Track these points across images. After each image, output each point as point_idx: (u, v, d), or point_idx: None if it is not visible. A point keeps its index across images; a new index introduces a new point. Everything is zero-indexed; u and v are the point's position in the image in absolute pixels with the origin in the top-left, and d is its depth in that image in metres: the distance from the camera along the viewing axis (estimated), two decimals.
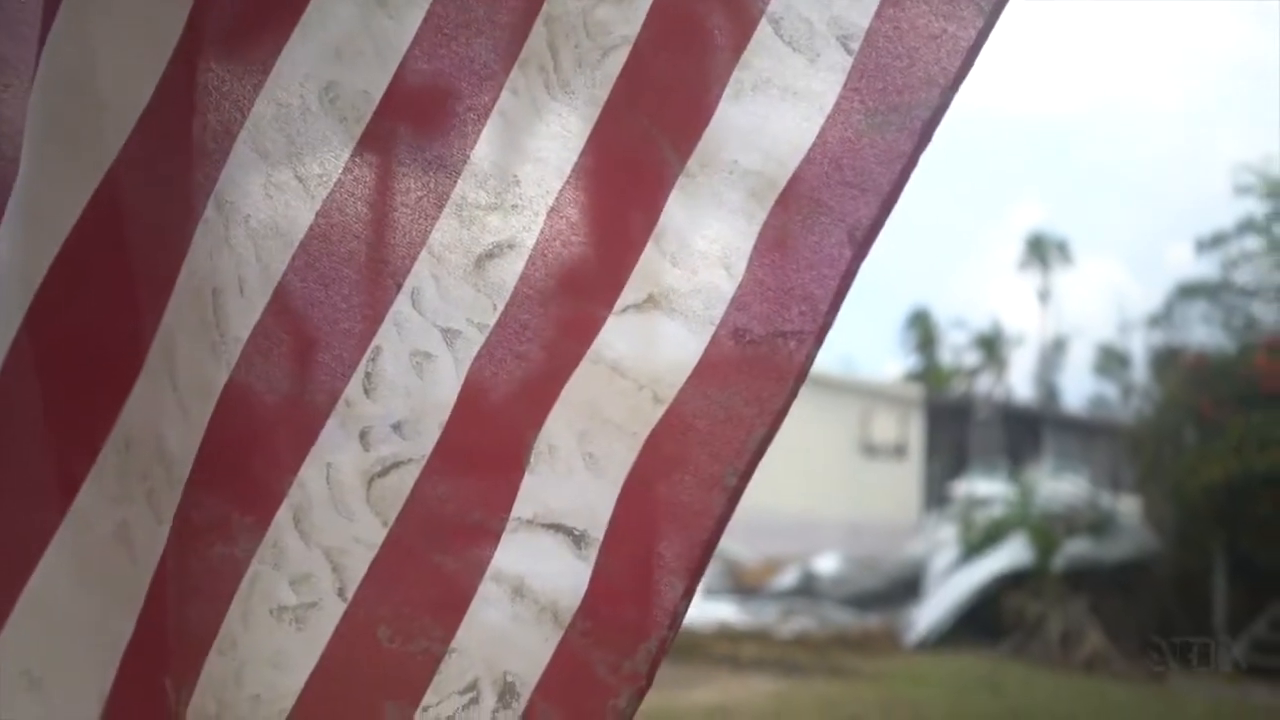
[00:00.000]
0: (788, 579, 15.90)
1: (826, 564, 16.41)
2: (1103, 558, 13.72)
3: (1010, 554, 14.10)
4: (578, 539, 0.89)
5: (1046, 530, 14.33)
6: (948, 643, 13.39)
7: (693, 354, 0.89)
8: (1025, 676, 11.63)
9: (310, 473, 0.89)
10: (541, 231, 0.91)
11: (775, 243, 0.90)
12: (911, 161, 0.89)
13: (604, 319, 0.90)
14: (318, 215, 0.90)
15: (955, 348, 47.94)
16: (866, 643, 12.77)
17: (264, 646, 0.88)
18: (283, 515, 0.89)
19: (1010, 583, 13.73)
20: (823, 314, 0.89)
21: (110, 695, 0.87)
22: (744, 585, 16.02)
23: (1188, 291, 15.38)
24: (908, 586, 15.13)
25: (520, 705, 0.88)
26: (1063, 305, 50.16)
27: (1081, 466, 19.32)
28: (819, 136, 0.89)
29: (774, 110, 0.90)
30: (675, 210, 0.90)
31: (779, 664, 11.43)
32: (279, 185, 0.90)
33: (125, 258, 0.89)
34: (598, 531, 0.89)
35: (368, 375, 0.90)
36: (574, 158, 0.91)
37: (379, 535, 0.89)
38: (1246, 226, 14.99)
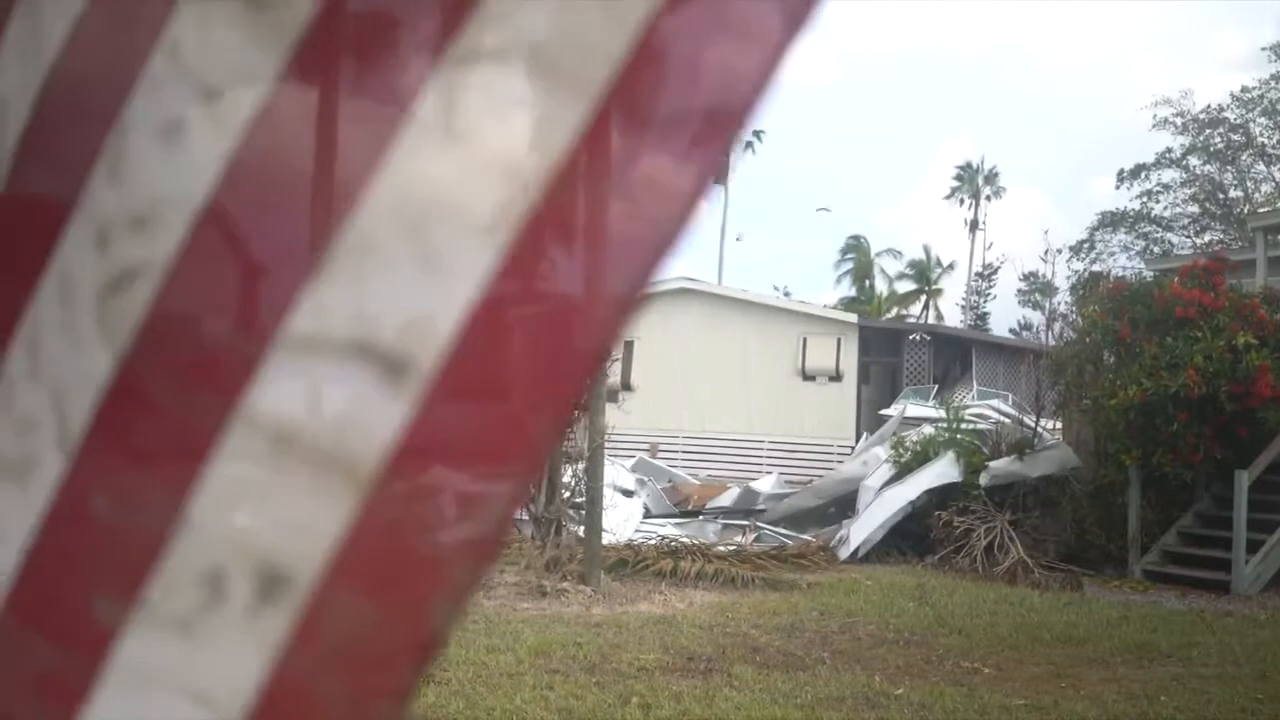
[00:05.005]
0: (728, 498, 16.07)
1: (765, 484, 16.68)
2: (1025, 475, 14.03)
3: (939, 472, 14.46)
4: (395, 365, 0.64)
5: (973, 449, 14.73)
6: (879, 557, 13.75)
7: (566, 127, 0.62)
8: (951, 586, 12.00)
9: (47, 289, 0.72)
10: None
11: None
12: None
13: (437, 64, 0.65)
14: None
15: (889, 276, 48.56)
16: (803, 557, 12.93)
17: None
18: (19, 342, 0.73)
19: (938, 499, 14.14)
20: (743, 97, 0.64)
21: None
22: (686, 504, 16.25)
23: (1109, 221, 15.86)
24: (842, 504, 15.40)
25: (296, 597, 0.64)
26: (991, 234, 50.85)
27: (1007, 388, 19.92)
28: None
29: None
30: None
31: (719, 578, 11.67)
32: None
33: None
34: (430, 354, 0.64)
35: (115, 155, 0.71)
36: None
37: (104, 368, 0.70)
38: (1164, 159, 15.50)
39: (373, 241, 0.64)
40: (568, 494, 12.54)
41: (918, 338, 21.65)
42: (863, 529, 14.16)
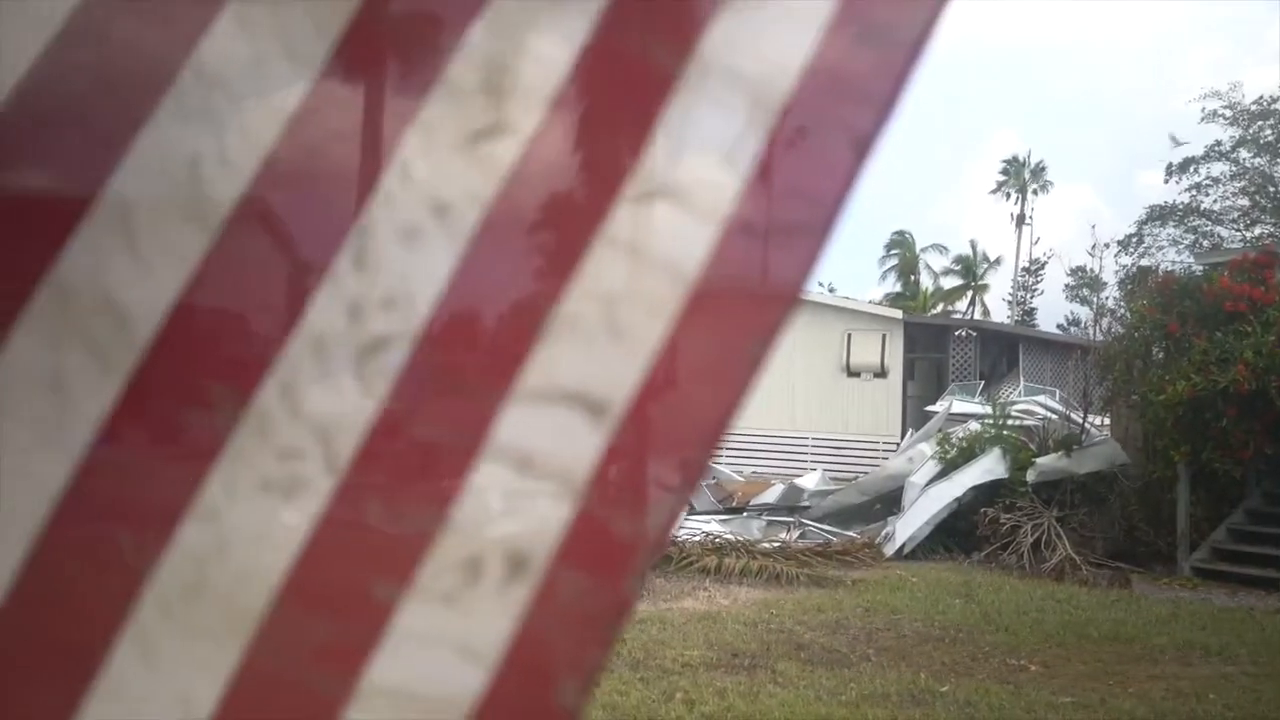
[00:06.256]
0: (772, 495, 16.12)
1: (810, 480, 16.71)
2: (1073, 471, 14.00)
3: (985, 468, 14.42)
4: (594, 408, 0.88)
5: (1020, 445, 14.68)
6: (925, 554, 13.77)
7: (706, 242, 0.89)
8: (997, 583, 12.00)
9: (298, 345, 0.89)
10: (542, 119, 0.91)
11: (780, 146, 0.91)
12: (905, 73, 0.91)
13: (612, 205, 0.90)
14: (314, 85, 0.92)
15: (935, 271, 48.34)
16: (847, 554, 12.96)
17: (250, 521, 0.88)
18: (270, 386, 0.88)
19: (985, 496, 14.10)
20: (829, 210, 0.91)
21: (42, 540, 0.85)
22: (730, 501, 16.24)
23: (1157, 215, 15.70)
24: (887, 501, 15.40)
25: (535, 574, 0.86)
26: (1038, 229, 50.47)
27: (1054, 383, 19.75)
28: (818, 49, 0.90)
29: (770, 22, 0.92)
30: (676, 111, 0.90)
31: (764, 575, 11.75)
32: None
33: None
34: (618, 401, 0.88)
35: (358, 248, 0.90)
36: (572, 58, 0.91)
37: (367, 411, 0.89)
38: (1213, 152, 15.31)
39: (578, 319, 0.89)
40: None
41: (964, 333, 21.54)
42: (908, 526, 14.15)
